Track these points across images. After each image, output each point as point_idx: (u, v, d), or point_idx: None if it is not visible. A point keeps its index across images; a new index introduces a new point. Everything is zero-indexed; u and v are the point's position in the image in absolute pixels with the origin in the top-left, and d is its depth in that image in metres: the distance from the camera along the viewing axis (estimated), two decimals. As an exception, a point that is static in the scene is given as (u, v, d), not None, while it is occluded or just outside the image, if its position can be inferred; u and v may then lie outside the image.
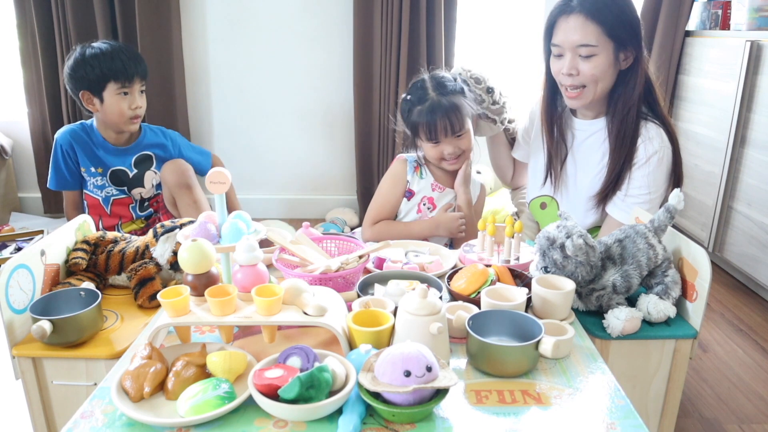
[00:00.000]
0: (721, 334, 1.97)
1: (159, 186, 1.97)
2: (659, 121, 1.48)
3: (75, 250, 1.28)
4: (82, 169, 1.85)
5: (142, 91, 1.81)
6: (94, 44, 1.76)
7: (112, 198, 1.89)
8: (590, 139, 1.55)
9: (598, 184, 1.53)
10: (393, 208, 1.65)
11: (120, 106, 1.75)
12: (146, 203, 1.96)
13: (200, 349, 0.91)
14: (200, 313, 0.93)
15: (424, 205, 1.63)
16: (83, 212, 1.89)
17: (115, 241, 1.33)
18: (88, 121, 1.87)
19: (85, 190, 1.89)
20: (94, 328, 1.09)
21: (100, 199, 1.88)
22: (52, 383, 1.11)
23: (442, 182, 1.64)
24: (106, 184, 1.87)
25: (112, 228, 1.91)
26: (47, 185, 1.89)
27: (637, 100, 1.45)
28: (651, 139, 1.44)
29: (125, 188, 1.89)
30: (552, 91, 1.57)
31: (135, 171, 1.88)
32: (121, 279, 1.29)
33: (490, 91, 1.63)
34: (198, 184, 1.88)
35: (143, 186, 1.91)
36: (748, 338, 1.95)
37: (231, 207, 2.07)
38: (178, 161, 1.88)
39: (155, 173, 1.93)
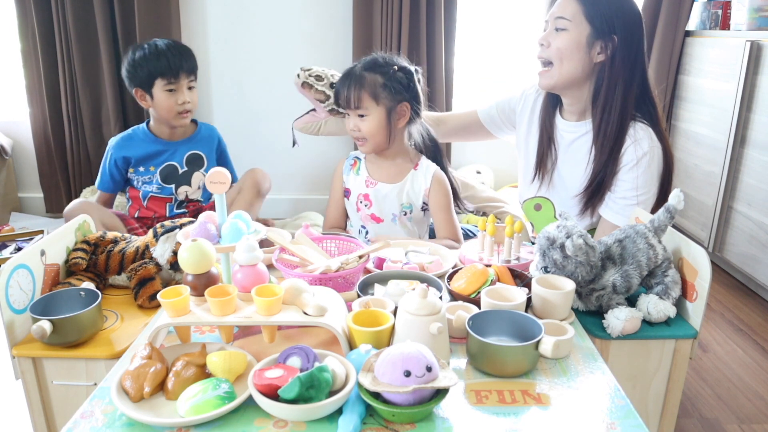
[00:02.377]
0: (721, 334, 1.97)
1: (206, 193, 1.99)
2: (650, 122, 1.47)
3: (75, 250, 1.28)
4: (131, 170, 1.89)
5: (190, 87, 1.84)
6: (146, 44, 1.81)
7: (150, 194, 1.92)
8: (578, 142, 1.54)
9: (584, 185, 1.53)
10: (340, 214, 1.65)
11: (168, 102, 1.80)
12: (184, 205, 1.98)
13: (200, 349, 0.91)
14: (200, 313, 0.93)
15: (361, 202, 1.59)
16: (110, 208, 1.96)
17: (115, 241, 1.33)
18: (142, 124, 1.93)
19: (131, 186, 1.95)
20: (94, 328, 1.09)
21: (140, 192, 1.93)
22: (52, 383, 1.11)
23: (375, 177, 1.58)
24: (155, 182, 1.91)
25: (148, 220, 1.95)
26: (94, 184, 1.97)
27: (620, 101, 1.44)
28: (640, 141, 1.43)
29: (173, 186, 1.92)
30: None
31: (185, 168, 1.92)
32: (121, 279, 1.29)
33: (333, 86, 1.61)
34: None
35: (190, 185, 1.94)
36: (748, 338, 1.95)
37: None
38: (264, 173, 2.06)
39: (203, 175, 1.94)
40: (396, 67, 1.50)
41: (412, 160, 1.59)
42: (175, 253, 1.23)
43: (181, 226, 1.24)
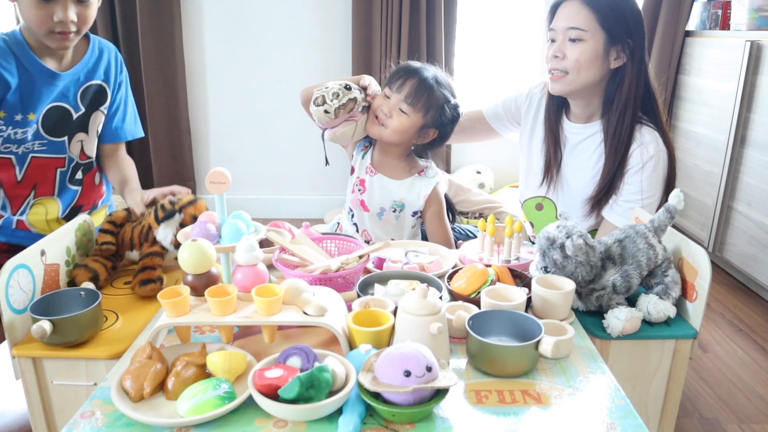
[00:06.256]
0: (721, 334, 1.97)
1: (106, 138, 1.39)
2: (655, 125, 1.47)
3: (102, 232, 1.27)
4: (1, 113, 1.25)
5: (81, 0, 1.21)
6: None
7: (31, 155, 1.28)
8: (584, 143, 1.54)
9: (592, 187, 1.52)
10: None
11: (37, 14, 1.18)
12: (80, 170, 1.37)
13: (200, 349, 0.91)
14: (200, 313, 0.93)
15: (356, 185, 1.60)
16: None
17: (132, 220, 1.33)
18: (12, 31, 1.25)
19: None
20: (94, 328, 1.09)
21: (13, 158, 1.28)
22: (52, 383, 1.11)
23: (377, 167, 1.58)
24: (32, 136, 1.25)
25: (19, 204, 1.34)
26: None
27: (633, 105, 1.44)
28: (646, 144, 1.44)
29: (65, 138, 1.30)
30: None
31: (82, 110, 1.32)
32: (134, 255, 1.30)
33: (348, 87, 1.50)
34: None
35: (86, 132, 1.34)
36: (748, 338, 1.95)
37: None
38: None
39: (104, 114, 1.36)
40: (454, 105, 1.55)
41: (418, 165, 1.59)
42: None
43: (180, 209, 1.23)
